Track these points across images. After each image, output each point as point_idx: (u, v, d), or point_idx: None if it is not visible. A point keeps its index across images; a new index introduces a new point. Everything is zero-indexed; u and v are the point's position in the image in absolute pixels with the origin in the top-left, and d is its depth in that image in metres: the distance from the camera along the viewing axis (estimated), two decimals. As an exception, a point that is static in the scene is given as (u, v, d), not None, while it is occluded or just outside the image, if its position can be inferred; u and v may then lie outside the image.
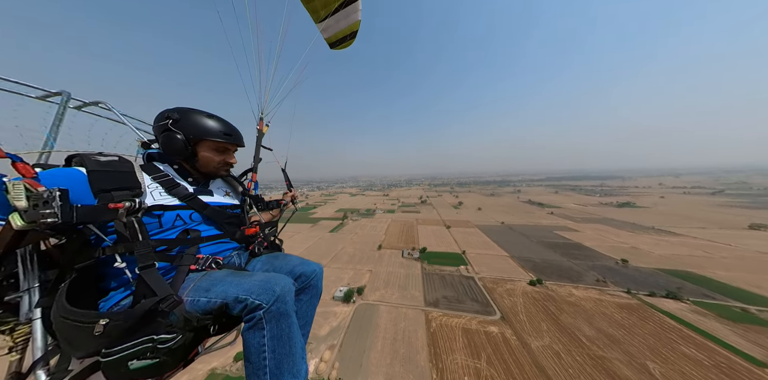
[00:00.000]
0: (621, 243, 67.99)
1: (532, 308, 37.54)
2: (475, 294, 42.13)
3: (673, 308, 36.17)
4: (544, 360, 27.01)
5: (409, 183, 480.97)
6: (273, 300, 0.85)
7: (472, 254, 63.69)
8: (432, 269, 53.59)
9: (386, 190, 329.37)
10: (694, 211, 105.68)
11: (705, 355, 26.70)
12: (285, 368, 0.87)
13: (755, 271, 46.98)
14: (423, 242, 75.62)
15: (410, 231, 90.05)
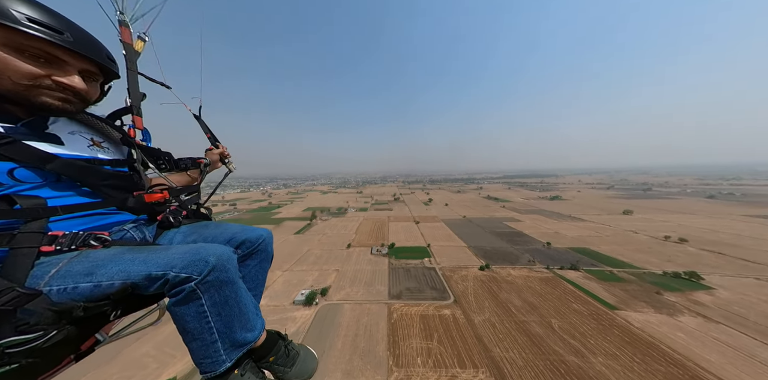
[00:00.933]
0: (548, 229, 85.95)
1: (479, 289, 44.56)
2: (435, 283, 47.18)
3: (573, 276, 48.49)
4: (483, 331, 32.76)
5: (384, 180, 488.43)
6: (207, 271, 0.80)
7: (436, 246, 70.41)
8: (398, 263, 57.06)
9: (360, 187, 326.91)
10: (595, 202, 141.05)
11: (585, 308, 37.18)
12: (237, 326, 0.88)
13: (622, 244, 66.65)
14: (392, 238, 79.18)
15: (381, 228, 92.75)
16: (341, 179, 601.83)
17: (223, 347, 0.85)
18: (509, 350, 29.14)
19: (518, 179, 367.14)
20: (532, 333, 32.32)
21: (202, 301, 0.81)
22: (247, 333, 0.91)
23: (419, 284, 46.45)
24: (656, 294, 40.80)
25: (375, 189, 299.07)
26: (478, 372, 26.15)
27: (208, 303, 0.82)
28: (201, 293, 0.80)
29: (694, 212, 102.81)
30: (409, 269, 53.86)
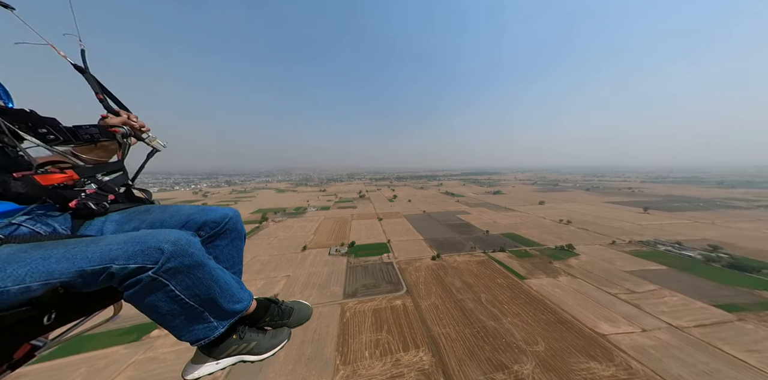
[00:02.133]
0: (489, 219, 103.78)
1: (429, 277, 50.17)
2: (391, 276, 50.20)
3: (501, 256, 60.61)
4: (428, 314, 37.21)
5: (351, 177, 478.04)
6: (164, 259, 0.74)
7: (395, 241, 74.65)
8: (357, 261, 57.69)
9: (324, 185, 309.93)
10: (522, 195, 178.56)
11: (505, 281, 47.46)
12: (222, 301, 0.88)
13: (535, 228, 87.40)
14: (354, 236, 79.11)
15: (343, 227, 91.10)
16: (302, 175, 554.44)
17: (212, 316, 0.87)
18: (446, 326, 34.24)
19: (472, 176, 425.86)
20: (465, 308, 38.92)
21: (171, 287, 0.79)
22: (235, 304, 0.94)
23: (375, 279, 48.42)
24: (549, 264, 55.69)
25: (340, 187, 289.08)
26: (419, 352, 29.68)
27: (180, 288, 0.81)
28: (166, 280, 0.78)
29: (577, 201, 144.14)
30: (367, 266, 55.25)
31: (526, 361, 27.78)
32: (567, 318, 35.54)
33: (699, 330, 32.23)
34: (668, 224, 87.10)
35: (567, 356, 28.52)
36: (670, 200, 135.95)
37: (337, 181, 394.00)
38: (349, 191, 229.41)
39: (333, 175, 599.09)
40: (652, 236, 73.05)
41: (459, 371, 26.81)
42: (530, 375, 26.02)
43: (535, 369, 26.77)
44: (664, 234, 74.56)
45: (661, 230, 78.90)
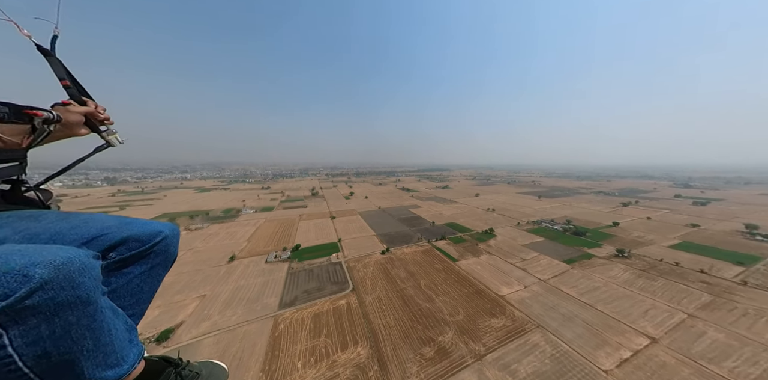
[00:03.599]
0: (436, 212, 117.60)
1: (377, 272, 52.35)
2: (337, 277, 49.27)
3: (441, 244, 70.01)
4: (371, 308, 38.71)
5: (304, 173, 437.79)
6: (27, 291, 0.48)
7: (347, 239, 73.87)
8: (300, 266, 53.50)
9: (269, 181, 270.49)
10: (465, 189, 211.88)
11: (442, 265, 55.40)
12: (88, 364, 0.59)
13: (470, 216, 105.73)
14: (300, 238, 72.93)
15: (288, 230, 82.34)
16: (240, 171, 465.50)
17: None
18: (387, 316, 36.69)
19: (427, 172, 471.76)
20: (406, 295, 42.91)
21: (4, 340, 0.49)
22: (107, 370, 0.64)
23: (320, 282, 46.34)
24: (476, 246, 68.65)
25: (290, 183, 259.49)
26: (357, 347, 30.52)
27: (21, 342, 0.50)
28: (3, 328, 0.48)
29: (501, 193, 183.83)
30: (312, 269, 52.09)
31: (448, 331, 33.34)
32: (482, 288, 44.85)
33: (553, 280, 47.53)
34: (549, 207, 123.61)
35: (477, 319, 36.07)
36: (553, 190, 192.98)
37: (286, 177, 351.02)
38: (300, 189, 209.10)
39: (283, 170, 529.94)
40: (540, 216, 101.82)
41: (393, 355, 29.31)
42: (450, 341, 31.37)
43: (453, 335, 32.48)
44: (546, 215, 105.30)
45: (545, 212, 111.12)
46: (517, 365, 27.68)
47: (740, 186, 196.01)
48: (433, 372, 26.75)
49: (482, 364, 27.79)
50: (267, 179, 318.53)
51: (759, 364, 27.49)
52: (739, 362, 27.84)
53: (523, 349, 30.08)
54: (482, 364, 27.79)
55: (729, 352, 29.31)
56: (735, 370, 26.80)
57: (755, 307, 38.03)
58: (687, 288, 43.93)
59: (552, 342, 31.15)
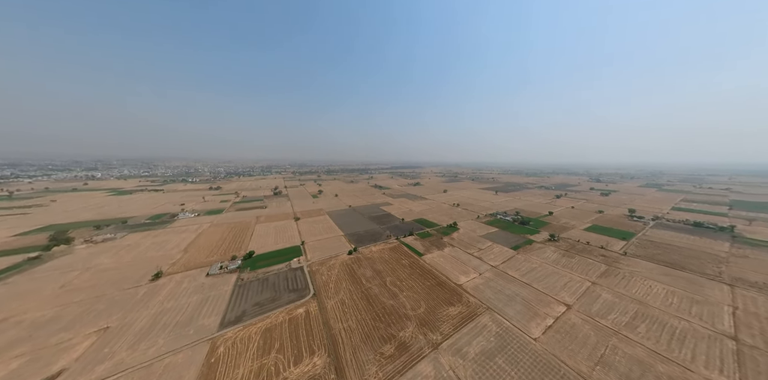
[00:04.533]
0: (407, 208, 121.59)
1: (342, 273, 50.91)
2: (297, 283, 45.88)
3: (409, 240, 72.64)
4: (333, 314, 37.27)
5: (266, 171, 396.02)
6: None
7: (312, 241, 69.72)
8: (253, 275, 47.87)
9: (220, 181, 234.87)
10: (434, 185, 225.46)
11: (408, 261, 57.62)
12: None
13: (437, 212, 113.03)
14: (255, 244, 65.33)
15: (240, 235, 72.74)
16: (181, 169, 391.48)
17: None
18: (349, 319, 35.94)
19: (400, 170, 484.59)
20: (371, 294, 42.96)
21: None
22: None
23: (276, 292, 42.27)
24: (441, 239, 73.69)
25: (248, 182, 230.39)
26: (314, 358, 28.93)
27: None
28: None
29: (466, 189, 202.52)
30: (267, 278, 47.14)
31: (409, 325, 34.73)
32: (443, 280, 48.30)
33: (502, 265, 54.78)
34: (504, 200, 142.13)
35: (437, 309, 38.66)
36: (508, 185, 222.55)
37: (244, 175, 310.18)
38: (260, 188, 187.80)
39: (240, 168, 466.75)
40: (496, 209, 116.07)
41: (352, 359, 28.83)
42: (410, 335, 32.69)
43: (414, 329, 34.00)
44: (501, 207, 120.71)
45: (500, 205, 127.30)
46: (468, 347, 30.70)
47: (628, 180, 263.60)
48: (391, 370, 27.38)
49: (438, 352, 29.85)
50: (218, 177, 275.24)
51: (625, 313, 37.32)
52: (617, 314, 37.24)
53: (474, 332, 33.59)
54: (438, 352, 29.85)
55: (612, 307, 38.89)
56: (614, 320, 35.72)
57: (630, 271, 51.50)
58: (593, 262, 56.44)
59: (497, 321, 35.72)
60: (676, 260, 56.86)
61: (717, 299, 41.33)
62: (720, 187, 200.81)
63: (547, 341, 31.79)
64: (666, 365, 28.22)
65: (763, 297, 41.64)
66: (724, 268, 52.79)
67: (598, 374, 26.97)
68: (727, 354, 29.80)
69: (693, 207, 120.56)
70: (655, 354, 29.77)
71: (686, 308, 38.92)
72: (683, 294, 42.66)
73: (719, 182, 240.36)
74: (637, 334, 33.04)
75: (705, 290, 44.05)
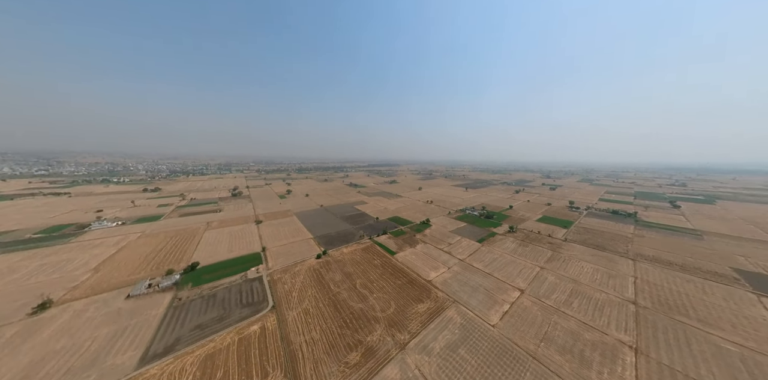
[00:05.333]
0: (382, 207, 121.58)
1: (309, 280, 47.65)
2: (253, 296, 41.07)
3: (382, 239, 72.51)
4: (294, 326, 34.32)
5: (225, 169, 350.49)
6: None
7: (276, 247, 63.76)
8: (195, 292, 41.03)
9: (162, 181, 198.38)
10: (410, 183, 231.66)
11: (380, 260, 57.37)
12: None
13: (412, 209, 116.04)
14: (201, 254, 56.49)
15: (181, 245, 62.05)
16: (102, 167, 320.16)
17: None
18: (312, 330, 33.60)
19: (377, 168, 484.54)
20: (339, 299, 41.17)
21: None
22: None
23: (224, 309, 36.97)
24: (414, 237, 75.56)
25: (199, 182, 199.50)
26: None
27: None
28: None
29: (440, 186, 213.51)
30: (214, 294, 40.95)
31: (378, 328, 34.26)
32: (414, 277, 49.33)
33: (469, 258, 58.94)
34: (473, 196, 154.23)
35: (407, 307, 39.15)
36: (477, 182, 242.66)
37: (195, 174, 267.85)
38: (215, 189, 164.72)
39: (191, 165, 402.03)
40: (465, 205, 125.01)
41: (313, 375, 26.87)
42: (377, 339, 32.21)
43: (382, 331, 33.66)
44: (470, 203, 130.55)
45: (470, 201, 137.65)
46: (434, 343, 31.72)
47: (570, 176, 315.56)
48: (356, 379, 26.43)
49: (405, 353, 30.05)
50: (157, 177, 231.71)
51: (564, 292, 44.04)
52: (558, 293, 43.59)
53: (441, 326, 34.98)
54: (405, 353, 30.05)
55: (555, 288, 45.36)
56: (556, 299, 41.68)
57: (569, 254, 61.09)
58: (542, 249, 65.11)
59: (462, 313, 37.96)
60: (600, 243, 69.60)
61: (624, 272, 51.87)
62: (629, 181, 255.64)
63: (503, 326, 35.09)
64: (590, 332, 33.95)
65: (653, 268, 53.92)
66: (630, 246, 66.80)
67: (542, 349, 30.83)
68: (629, 316, 37.45)
69: (612, 198, 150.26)
70: (583, 324, 35.56)
71: (606, 282, 47.78)
72: (604, 271, 52.32)
73: (628, 177, 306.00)
74: (572, 309, 39.04)
75: (618, 266, 54.89)
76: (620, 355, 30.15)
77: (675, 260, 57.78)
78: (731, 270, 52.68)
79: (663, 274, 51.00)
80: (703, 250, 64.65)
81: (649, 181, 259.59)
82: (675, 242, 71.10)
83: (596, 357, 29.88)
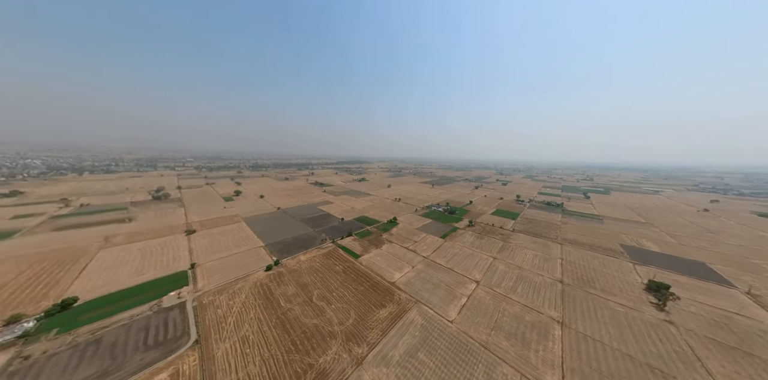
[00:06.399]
0: (348, 206, 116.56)
1: (252, 299, 40.55)
2: (166, 332, 32.14)
3: (347, 241, 68.68)
4: (224, 363, 28.06)
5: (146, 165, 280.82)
6: None
7: (211, 261, 52.71)
8: (62, 341, 29.58)
9: (32, 180, 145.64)
10: (379, 181, 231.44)
11: (342, 266, 53.89)
12: None
13: (379, 208, 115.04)
14: (86, 284, 41.90)
15: (49, 274, 45.07)
16: None
17: None
18: (249, 363, 28.09)
19: (346, 165, 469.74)
20: (290, 318, 36.14)
21: None
22: None
23: (113, 359, 27.50)
24: (380, 237, 74.26)
25: (100, 183, 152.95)
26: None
27: None
28: None
29: (408, 183, 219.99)
30: (99, 338, 30.26)
31: (333, 345, 31.14)
32: (377, 281, 47.67)
33: (433, 255, 61.04)
34: (438, 193, 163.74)
35: (368, 315, 37.10)
36: (442, 179, 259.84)
37: (97, 171, 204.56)
38: (127, 191, 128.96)
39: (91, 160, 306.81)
40: (431, 201, 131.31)
41: (245, 421, 22.09)
42: (332, 358, 29.13)
43: (338, 348, 30.71)
44: (435, 200, 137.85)
45: (435, 197, 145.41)
46: (393, 351, 30.55)
47: (517, 173, 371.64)
48: (300, 413, 22.87)
49: (362, 369, 27.91)
50: (21, 175, 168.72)
51: (512, 279, 49.77)
52: (507, 281, 48.88)
53: (401, 331, 34.19)
54: (362, 369, 27.91)
55: (504, 276, 50.76)
56: (505, 287, 46.53)
57: (515, 244, 70.01)
58: (495, 240, 72.75)
59: (423, 313, 38.18)
60: (538, 231, 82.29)
61: (554, 255, 62.22)
62: (557, 177, 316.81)
63: (461, 320, 36.71)
64: (530, 314, 38.69)
65: (573, 249, 66.39)
66: (558, 232, 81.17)
67: (493, 338, 33.29)
68: (557, 294, 44.54)
69: (547, 191, 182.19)
70: (525, 307, 40.35)
71: (542, 265, 56.12)
72: (541, 256, 61.56)
73: (557, 174, 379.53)
74: (516, 294, 44.00)
75: (550, 250, 65.54)
76: (551, 331, 35.03)
77: (587, 242, 72.57)
78: (619, 246, 69.28)
79: (579, 254, 63.15)
80: (603, 232, 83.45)
81: (570, 176, 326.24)
82: (587, 226, 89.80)
83: (534, 336, 33.92)
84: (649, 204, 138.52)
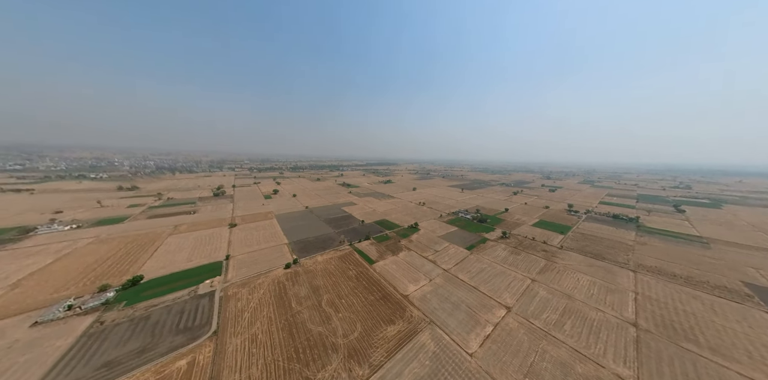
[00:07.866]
0: (370, 208, 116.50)
1: (268, 296, 42.49)
2: (195, 318, 35.85)
3: (364, 245, 67.48)
4: (231, 360, 29.22)
5: (216, 166, 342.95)
6: None
7: (243, 254, 58.44)
8: (126, 314, 35.74)
9: (144, 178, 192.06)
10: (405, 183, 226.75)
11: (355, 271, 52.39)
12: None
13: (402, 211, 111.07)
14: (154, 264, 51.09)
15: (133, 253, 56.56)
16: (86, 161, 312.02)
17: None
18: (252, 365, 28.49)
19: (375, 167, 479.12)
20: (297, 321, 36.11)
21: None
22: None
23: (152, 337, 31.70)
24: (398, 242, 70.61)
25: (184, 181, 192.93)
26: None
27: None
28: None
29: (436, 186, 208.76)
30: (148, 315, 35.66)
31: (334, 360, 29.30)
32: (389, 292, 44.35)
33: (455, 268, 54.12)
34: (468, 198, 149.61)
35: (374, 331, 34.20)
36: (474, 183, 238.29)
37: (183, 171, 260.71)
38: (198, 188, 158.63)
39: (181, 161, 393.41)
40: (459, 207, 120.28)
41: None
42: (330, 376, 27.25)
43: (338, 364, 28.70)
44: (464, 205, 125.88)
45: (464, 203, 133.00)
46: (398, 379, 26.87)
47: (570, 177, 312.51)
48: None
49: (358, 394, 25.16)
50: (140, 173, 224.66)
51: (556, 310, 39.36)
52: (549, 312, 38.90)
53: (410, 356, 30.10)
54: (358, 394, 25.16)
55: (546, 305, 40.67)
56: (546, 319, 37.00)
57: (564, 264, 56.52)
58: (535, 257, 60.48)
59: (437, 338, 33.10)
60: (598, 251, 65.13)
61: (624, 285, 47.36)
62: (631, 183, 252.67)
63: (483, 355, 30.29)
64: (583, 364, 29.27)
65: (655, 281, 49.48)
66: (631, 255, 62.39)
67: (526, 389, 26.09)
68: (629, 342, 32.85)
69: (613, 201, 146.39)
70: (575, 353, 30.87)
71: (603, 298, 43.20)
72: (601, 284, 47.77)
73: (630, 179, 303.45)
74: (563, 332, 34.35)
75: (617, 278, 50.38)
76: (619, 397, 25.50)
77: (680, 272, 53.41)
78: (743, 285, 48.35)
79: (667, 289, 46.54)
80: (710, 260, 60.40)
81: (652, 183, 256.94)
82: (680, 250, 66.83)
83: (590, 399, 25.20)
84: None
